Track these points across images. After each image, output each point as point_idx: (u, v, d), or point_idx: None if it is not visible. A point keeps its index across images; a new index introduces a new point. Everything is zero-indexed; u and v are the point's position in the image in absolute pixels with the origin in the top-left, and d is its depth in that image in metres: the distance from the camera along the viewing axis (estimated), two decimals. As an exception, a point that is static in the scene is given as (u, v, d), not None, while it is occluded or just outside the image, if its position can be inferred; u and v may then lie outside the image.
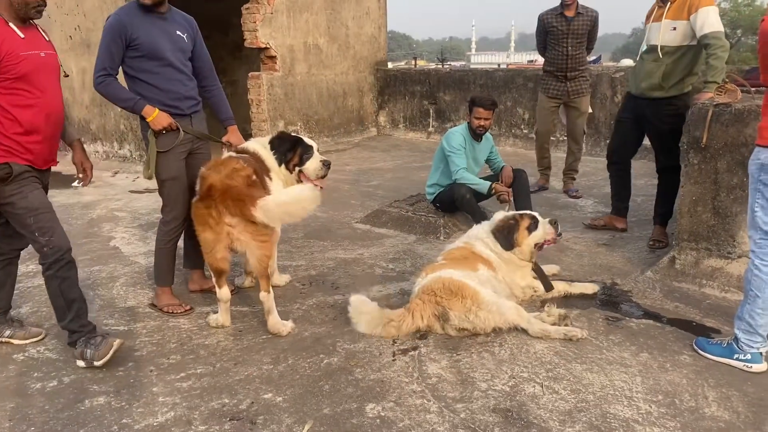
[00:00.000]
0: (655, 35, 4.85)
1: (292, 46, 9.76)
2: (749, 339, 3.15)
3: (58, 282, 3.28)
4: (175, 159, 3.87)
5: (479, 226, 4.29)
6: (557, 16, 6.63)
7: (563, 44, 6.63)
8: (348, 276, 4.59)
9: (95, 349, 3.28)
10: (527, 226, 4.11)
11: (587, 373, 3.17)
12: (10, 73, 3.03)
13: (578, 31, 6.57)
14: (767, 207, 3.03)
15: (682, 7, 4.67)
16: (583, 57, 6.70)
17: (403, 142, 10.80)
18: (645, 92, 4.94)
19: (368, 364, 3.30)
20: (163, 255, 4.04)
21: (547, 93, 6.93)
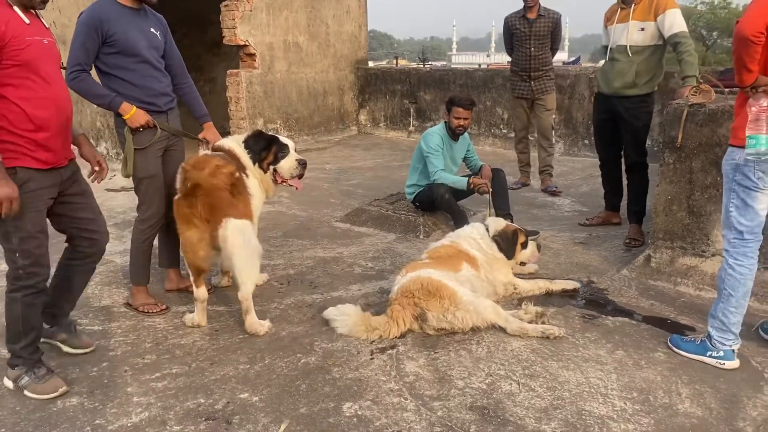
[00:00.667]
0: (623, 36, 5.04)
1: (272, 43, 9.71)
2: (722, 337, 3.19)
3: (23, 307, 2.97)
4: (153, 156, 3.83)
5: (472, 227, 4.32)
6: (520, 19, 6.89)
7: (526, 45, 6.88)
8: (327, 275, 4.57)
9: (37, 381, 3.01)
10: (522, 242, 4.31)
11: (563, 371, 3.19)
12: (15, 59, 2.75)
13: (540, 33, 6.81)
14: (741, 207, 3.08)
15: (648, 9, 4.90)
16: (546, 57, 6.92)
17: (384, 141, 10.81)
18: (619, 91, 5.13)
19: (346, 363, 3.29)
20: (139, 254, 3.99)
21: (514, 93, 7.25)
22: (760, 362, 3.27)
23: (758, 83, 2.91)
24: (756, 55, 2.85)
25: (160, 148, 3.87)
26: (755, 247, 3.12)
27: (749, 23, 2.80)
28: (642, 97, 5.07)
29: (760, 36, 2.79)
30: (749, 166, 2.98)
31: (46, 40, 2.92)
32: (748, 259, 3.11)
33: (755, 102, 2.88)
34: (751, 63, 2.87)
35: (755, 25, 2.78)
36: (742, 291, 3.13)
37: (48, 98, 2.90)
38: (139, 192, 3.92)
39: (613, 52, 5.17)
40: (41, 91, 2.87)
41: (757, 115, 2.85)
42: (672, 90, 7.13)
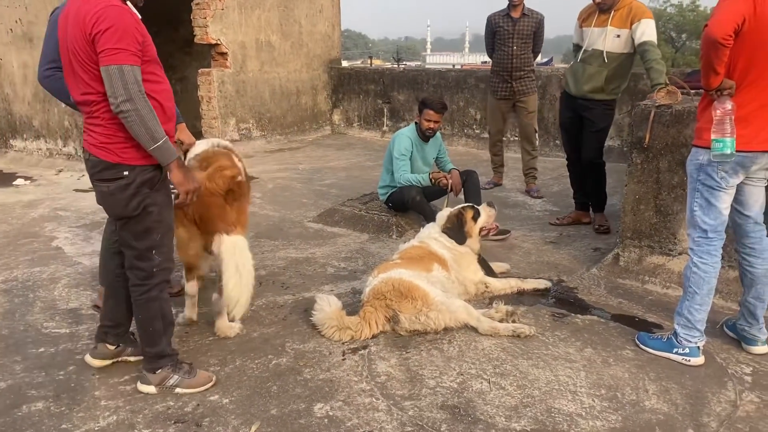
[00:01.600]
0: (599, 40, 5.14)
1: (244, 42, 9.64)
2: (688, 334, 3.25)
3: (160, 303, 2.99)
4: None
5: (429, 227, 4.35)
6: (504, 17, 6.80)
7: (509, 44, 6.77)
8: (299, 275, 4.55)
9: (187, 376, 3.04)
10: (472, 216, 4.29)
11: (533, 369, 3.22)
12: (148, 54, 2.75)
13: (523, 32, 6.73)
14: (705, 206, 3.14)
15: (625, 17, 5.02)
16: (528, 57, 6.86)
17: (358, 141, 10.79)
18: (587, 94, 5.27)
19: (317, 364, 3.28)
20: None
21: (495, 94, 7.06)
22: (725, 358, 3.34)
23: (723, 86, 2.97)
24: (724, 58, 2.90)
25: None
26: (719, 246, 3.19)
27: (719, 26, 2.83)
28: (607, 101, 5.28)
29: (729, 39, 2.84)
30: (713, 166, 3.04)
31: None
32: (712, 258, 3.18)
33: (720, 105, 2.93)
34: (719, 66, 2.92)
35: (725, 29, 2.83)
36: (706, 288, 3.19)
37: (168, 89, 2.93)
38: None
39: (587, 55, 5.25)
40: (165, 84, 2.91)
41: (722, 117, 2.90)
42: (641, 92, 7.27)
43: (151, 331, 3.01)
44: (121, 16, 2.62)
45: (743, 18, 2.84)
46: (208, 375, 3.12)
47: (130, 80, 2.60)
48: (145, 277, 2.94)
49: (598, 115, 5.27)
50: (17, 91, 8.98)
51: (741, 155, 2.98)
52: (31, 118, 9.01)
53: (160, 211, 2.89)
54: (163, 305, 3.02)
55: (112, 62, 2.58)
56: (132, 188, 2.78)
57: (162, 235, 2.92)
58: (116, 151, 2.75)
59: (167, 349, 3.05)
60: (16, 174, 8.24)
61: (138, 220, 2.85)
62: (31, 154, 9.16)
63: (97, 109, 2.74)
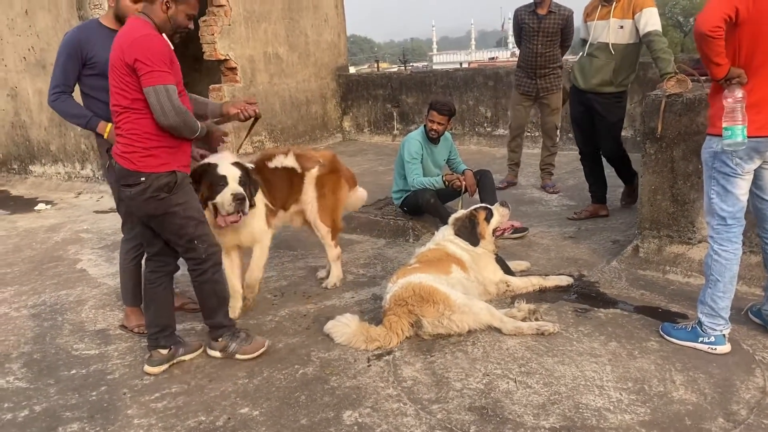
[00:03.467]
0: (603, 33, 5.14)
1: (252, 56, 9.72)
2: (712, 322, 3.24)
3: (212, 283, 3.43)
4: None
5: (443, 230, 4.37)
6: (530, 14, 6.59)
7: (534, 42, 6.60)
8: (320, 284, 4.59)
9: (242, 343, 3.50)
10: (485, 216, 4.27)
11: (559, 366, 3.23)
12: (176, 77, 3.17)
13: (549, 30, 6.53)
14: (722, 193, 3.13)
15: (627, 7, 5.02)
16: (554, 55, 6.67)
17: (369, 146, 10.82)
18: (595, 88, 5.27)
19: (343, 372, 3.31)
20: (127, 274, 3.99)
21: (518, 89, 6.96)
22: (751, 345, 3.32)
23: (731, 75, 2.96)
24: (719, 49, 2.89)
25: None
26: (739, 232, 3.18)
27: (706, 19, 2.85)
28: (617, 94, 5.27)
29: (718, 30, 2.84)
30: (727, 153, 3.03)
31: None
32: (732, 245, 3.17)
33: (730, 93, 2.93)
34: (717, 57, 2.92)
35: (712, 21, 2.83)
36: (728, 276, 3.18)
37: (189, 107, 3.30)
38: (121, 212, 3.93)
39: (593, 48, 5.26)
40: (187, 104, 3.29)
41: (733, 105, 2.90)
42: (651, 81, 7.21)
43: (208, 306, 3.49)
44: (156, 43, 3.06)
45: (735, 8, 2.84)
46: (261, 341, 3.56)
47: (173, 98, 3.05)
48: (197, 263, 3.37)
49: (609, 109, 5.28)
50: (33, 118, 9.13)
51: (755, 140, 2.97)
52: (48, 143, 9.16)
53: (185, 209, 3.26)
54: (215, 286, 3.46)
55: (152, 83, 3.02)
56: (149, 192, 3.16)
57: (195, 226, 3.30)
58: (134, 160, 3.15)
59: (224, 321, 3.53)
60: (37, 199, 8.37)
61: (167, 220, 3.25)
62: (50, 179, 9.31)
63: (119, 120, 3.17)
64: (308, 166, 4.34)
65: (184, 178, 3.30)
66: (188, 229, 3.28)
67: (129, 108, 3.12)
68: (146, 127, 3.13)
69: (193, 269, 3.41)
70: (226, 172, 3.63)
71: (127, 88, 3.09)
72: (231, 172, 3.64)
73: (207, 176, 3.62)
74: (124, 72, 3.06)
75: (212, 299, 3.47)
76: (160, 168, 3.16)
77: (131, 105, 3.11)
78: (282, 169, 4.21)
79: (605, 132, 5.34)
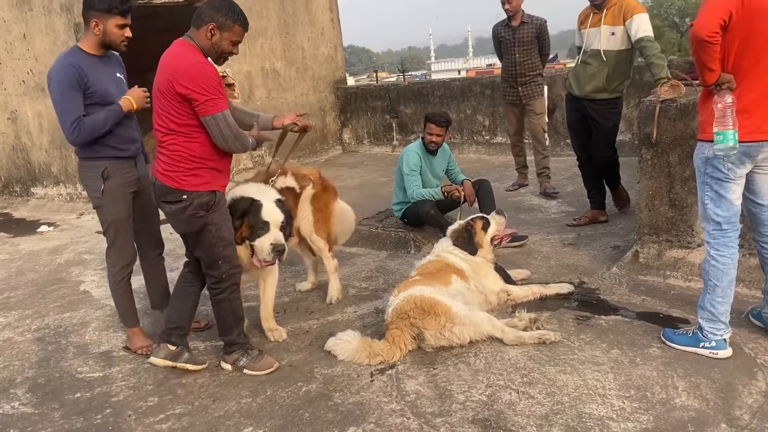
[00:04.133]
0: (596, 40, 5.22)
1: (250, 72, 9.78)
2: (713, 327, 3.24)
3: (230, 303, 3.54)
4: (123, 200, 3.80)
5: (442, 241, 4.39)
6: (504, 27, 7.04)
7: (512, 52, 7.00)
8: (322, 300, 4.60)
9: (253, 360, 3.57)
10: (482, 226, 4.30)
11: (561, 375, 3.23)
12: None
13: (524, 39, 6.90)
14: (716, 199, 3.15)
15: (617, 14, 5.09)
16: (532, 63, 6.98)
17: (369, 158, 10.86)
18: (589, 94, 5.35)
19: (347, 388, 3.32)
20: (119, 295, 3.99)
21: (505, 99, 7.39)
22: (752, 348, 3.33)
23: (721, 80, 2.99)
24: (715, 55, 2.92)
25: (131, 192, 3.84)
26: (735, 237, 3.19)
27: (703, 25, 2.87)
28: (611, 100, 5.33)
29: (716, 36, 2.87)
30: (719, 158, 3.05)
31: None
32: (729, 249, 3.18)
33: (720, 99, 2.95)
34: (712, 63, 2.94)
35: (710, 26, 2.86)
36: (726, 280, 3.19)
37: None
38: (107, 235, 3.90)
39: (587, 56, 5.36)
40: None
41: (723, 111, 2.92)
42: (647, 84, 7.25)
43: (223, 323, 3.59)
44: (207, 70, 3.20)
45: (729, 13, 2.87)
46: (271, 361, 3.60)
47: (231, 124, 3.24)
48: (216, 281, 3.49)
49: (604, 115, 5.34)
50: (34, 140, 9.19)
51: (746, 145, 2.99)
52: (49, 165, 9.21)
53: (218, 229, 3.41)
54: (233, 305, 3.56)
55: (211, 111, 3.19)
56: (190, 210, 3.33)
57: (223, 247, 3.44)
58: (176, 179, 3.32)
59: (237, 338, 3.61)
60: (39, 221, 8.41)
61: (201, 236, 3.41)
62: (52, 200, 9.35)
63: (164, 141, 3.32)
64: (304, 184, 4.39)
65: (222, 198, 3.46)
66: (216, 249, 3.42)
67: (177, 132, 3.28)
68: (193, 149, 3.30)
69: (213, 287, 3.53)
70: (270, 217, 3.62)
71: (177, 114, 3.24)
72: (274, 218, 3.63)
73: (250, 217, 3.60)
74: (173, 98, 3.20)
75: (229, 317, 3.56)
76: (202, 187, 3.34)
77: (179, 129, 3.27)
78: (284, 189, 4.22)
79: (600, 138, 5.41)
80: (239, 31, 3.33)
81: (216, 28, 3.25)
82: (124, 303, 4.01)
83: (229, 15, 3.27)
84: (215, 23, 3.24)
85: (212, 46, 3.29)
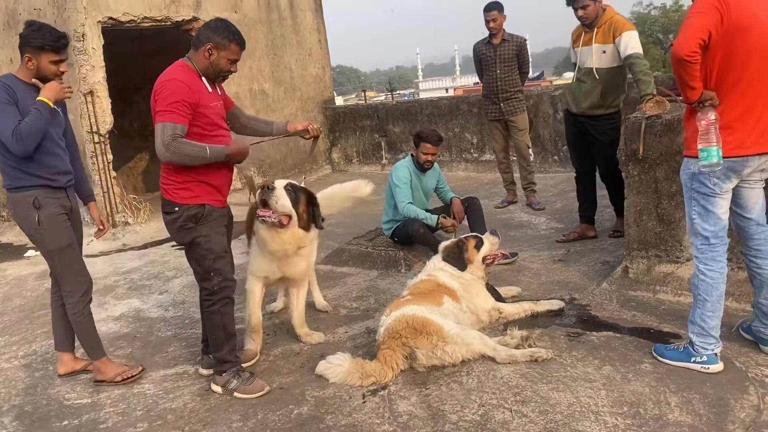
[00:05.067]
0: (588, 58, 5.33)
1: (238, 93, 9.80)
2: (703, 341, 3.25)
3: (221, 317, 3.55)
4: (62, 226, 3.73)
5: (434, 259, 4.39)
6: (486, 45, 7.18)
7: (493, 69, 7.13)
8: (312, 320, 4.57)
9: (244, 383, 3.54)
10: (474, 244, 4.31)
11: (554, 393, 3.22)
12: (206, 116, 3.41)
13: (505, 56, 7.05)
14: (704, 214, 3.18)
15: (608, 32, 5.21)
16: (513, 79, 7.12)
17: (358, 177, 10.74)
18: (586, 111, 5.44)
19: (339, 410, 3.29)
20: (83, 327, 3.87)
21: (487, 116, 7.49)
22: (744, 362, 3.33)
23: (704, 98, 3.03)
24: (695, 73, 2.97)
25: (66, 218, 3.77)
26: (722, 251, 3.21)
27: (683, 44, 2.92)
28: (609, 116, 5.41)
29: (695, 55, 2.91)
30: (704, 174, 3.08)
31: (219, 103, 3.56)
32: (717, 263, 3.20)
33: (703, 116, 2.99)
34: (692, 81, 2.99)
35: (689, 45, 2.91)
36: (716, 294, 3.20)
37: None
38: (55, 267, 3.82)
39: (581, 73, 5.47)
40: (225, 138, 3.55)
41: (707, 128, 2.96)
42: (632, 100, 7.33)
43: (214, 338, 3.60)
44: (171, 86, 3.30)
45: (709, 32, 2.92)
46: (262, 384, 3.57)
47: (165, 135, 3.23)
48: (209, 293, 3.54)
49: (602, 131, 5.43)
50: None
51: (730, 160, 3.02)
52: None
53: (207, 241, 3.48)
54: (224, 319, 3.57)
55: (158, 121, 3.28)
56: (180, 221, 3.43)
57: (213, 260, 3.50)
58: (170, 191, 3.46)
59: (228, 356, 3.58)
60: (26, 245, 8.28)
61: (192, 248, 3.52)
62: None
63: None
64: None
65: (212, 212, 3.49)
66: (207, 261, 3.49)
67: None
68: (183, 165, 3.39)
69: (205, 299, 3.59)
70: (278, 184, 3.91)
71: None
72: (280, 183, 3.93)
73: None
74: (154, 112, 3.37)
75: (219, 331, 3.56)
76: (191, 200, 3.44)
77: None
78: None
79: (600, 153, 5.50)
80: (236, 50, 3.47)
81: (213, 48, 3.39)
82: (89, 333, 3.89)
83: (225, 35, 3.42)
84: (212, 43, 3.39)
85: (210, 65, 3.43)
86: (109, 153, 8.08)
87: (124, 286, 5.96)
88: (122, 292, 5.80)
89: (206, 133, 3.43)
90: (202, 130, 3.41)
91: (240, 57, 3.51)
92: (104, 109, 7.93)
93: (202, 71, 3.44)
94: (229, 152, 3.42)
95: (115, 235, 7.97)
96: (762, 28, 2.96)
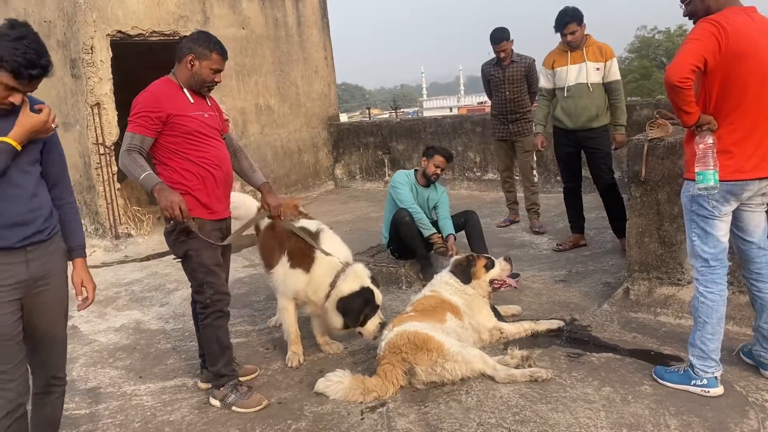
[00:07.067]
0: (581, 75, 5.69)
1: (244, 108, 9.89)
2: (703, 364, 3.24)
3: (215, 330, 3.56)
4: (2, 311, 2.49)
5: (441, 273, 4.42)
6: (494, 66, 7.20)
7: (502, 90, 7.16)
8: (312, 336, 4.56)
9: (242, 397, 3.55)
10: (484, 264, 4.34)
11: (553, 413, 3.21)
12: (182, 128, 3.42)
13: (514, 77, 7.07)
14: (704, 236, 3.18)
15: (598, 53, 5.69)
16: (522, 100, 7.13)
17: (361, 193, 10.92)
18: (585, 124, 5.74)
19: (337, 426, 3.28)
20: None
21: (495, 136, 7.50)
22: (744, 386, 3.32)
23: (701, 122, 3.06)
24: (689, 99, 3.00)
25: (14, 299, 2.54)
26: (722, 273, 3.21)
27: (675, 70, 2.96)
28: (604, 126, 5.78)
29: (687, 81, 2.95)
30: (703, 197, 3.10)
31: (207, 113, 3.57)
32: (717, 286, 3.20)
33: (701, 140, 3.02)
34: (687, 106, 3.02)
35: (680, 72, 2.94)
36: (716, 317, 3.20)
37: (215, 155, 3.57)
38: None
39: (571, 91, 5.74)
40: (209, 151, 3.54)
41: (704, 152, 2.98)
42: (635, 123, 7.40)
43: (209, 351, 3.63)
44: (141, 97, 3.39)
45: (703, 59, 2.95)
46: (260, 398, 3.58)
47: (124, 144, 3.34)
48: (203, 306, 3.56)
49: (601, 141, 5.77)
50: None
51: (729, 184, 3.04)
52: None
53: (198, 255, 3.48)
54: (218, 332, 3.57)
55: (128, 129, 3.38)
56: (174, 234, 3.47)
57: (205, 274, 3.51)
58: None
59: (223, 369, 3.59)
60: None
61: (185, 261, 3.54)
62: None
63: (157, 172, 3.45)
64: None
65: (204, 225, 3.51)
66: (199, 274, 3.52)
67: (161, 162, 3.48)
68: (174, 178, 3.45)
69: (199, 312, 3.62)
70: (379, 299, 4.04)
71: (157, 145, 3.46)
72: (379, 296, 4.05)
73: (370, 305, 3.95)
74: None
75: (213, 345, 3.58)
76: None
77: (162, 160, 3.48)
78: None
79: (599, 164, 5.78)
80: (217, 59, 3.50)
81: (195, 59, 3.45)
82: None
83: (206, 44, 3.48)
84: (194, 54, 3.45)
85: (193, 75, 3.48)
86: (113, 164, 8.15)
87: (125, 297, 5.97)
88: (123, 303, 5.81)
89: (186, 143, 3.44)
90: (182, 140, 3.43)
91: (223, 67, 3.55)
92: (110, 121, 8.02)
93: (184, 83, 3.50)
94: (156, 192, 3.30)
95: (117, 247, 8.01)
96: (761, 56, 2.99)
